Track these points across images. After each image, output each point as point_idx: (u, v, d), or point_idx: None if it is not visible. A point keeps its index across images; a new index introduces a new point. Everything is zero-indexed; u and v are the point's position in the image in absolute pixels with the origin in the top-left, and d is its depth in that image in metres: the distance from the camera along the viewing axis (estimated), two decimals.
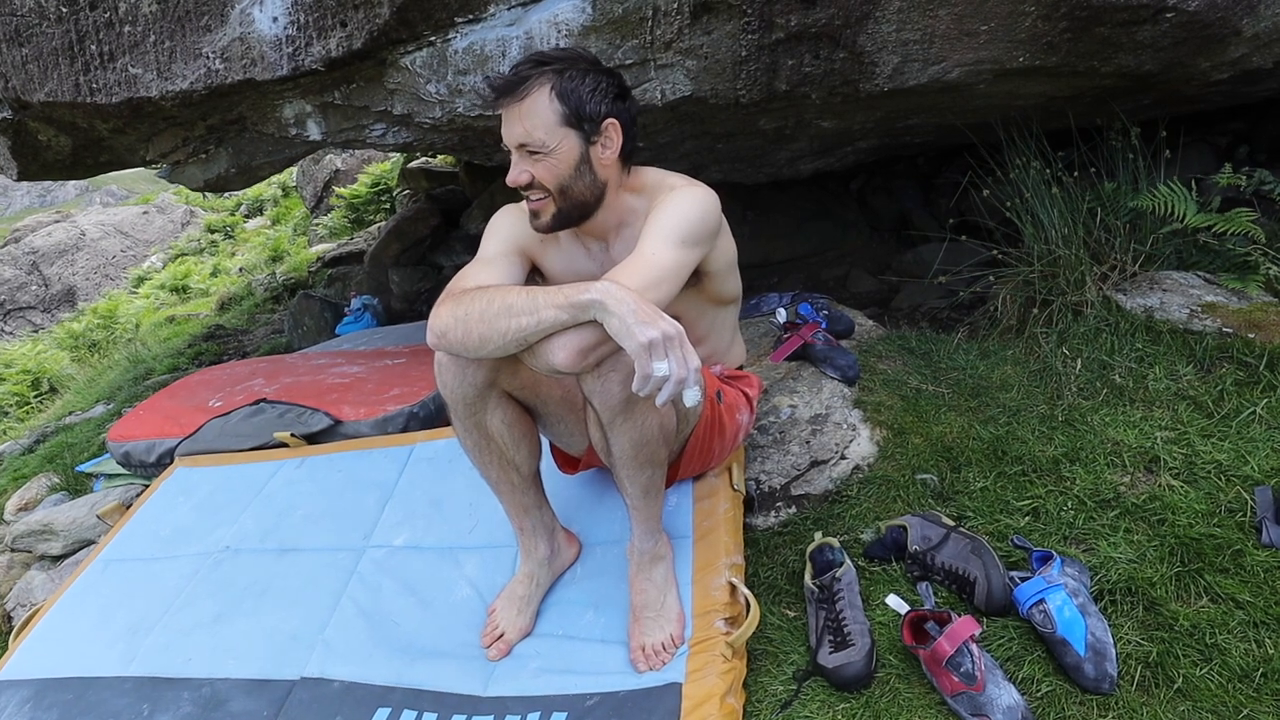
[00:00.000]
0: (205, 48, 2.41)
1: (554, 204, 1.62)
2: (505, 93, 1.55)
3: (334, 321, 5.31)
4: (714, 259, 1.72)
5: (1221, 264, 2.54)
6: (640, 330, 1.30)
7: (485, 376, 1.60)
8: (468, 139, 2.97)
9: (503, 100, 1.55)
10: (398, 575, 2.09)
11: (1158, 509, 1.80)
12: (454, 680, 1.77)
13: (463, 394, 1.63)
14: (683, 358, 1.32)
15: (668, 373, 1.30)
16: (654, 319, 1.32)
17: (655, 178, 1.71)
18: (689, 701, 1.57)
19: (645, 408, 1.54)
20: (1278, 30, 2.34)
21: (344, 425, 2.75)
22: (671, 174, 1.71)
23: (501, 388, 1.66)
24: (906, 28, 2.27)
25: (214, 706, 1.84)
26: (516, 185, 1.60)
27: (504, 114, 1.57)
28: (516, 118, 1.55)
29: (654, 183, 1.70)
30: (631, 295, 1.35)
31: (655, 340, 1.30)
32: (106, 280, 14.68)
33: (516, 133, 1.56)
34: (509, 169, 1.62)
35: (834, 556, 1.83)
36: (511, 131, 1.57)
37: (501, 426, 1.69)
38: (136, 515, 2.56)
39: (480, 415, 1.66)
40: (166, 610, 2.16)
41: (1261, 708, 1.37)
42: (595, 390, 1.50)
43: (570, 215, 1.66)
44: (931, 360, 2.63)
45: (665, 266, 1.50)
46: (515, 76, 1.54)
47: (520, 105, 1.54)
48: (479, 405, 1.65)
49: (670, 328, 1.32)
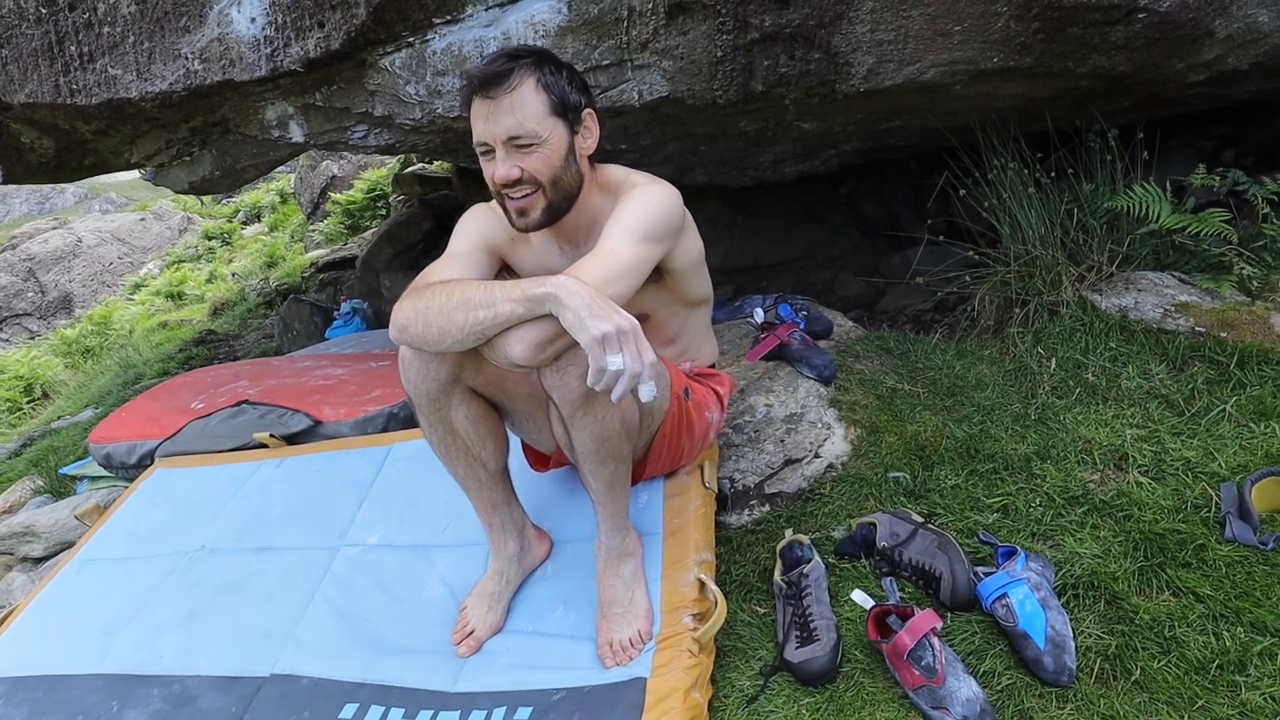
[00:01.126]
0: (184, 48, 2.42)
1: (544, 198, 1.60)
2: (491, 84, 1.50)
3: (324, 326, 5.32)
4: (677, 256, 1.73)
5: (1197, 264, 2.55)
6: (594, 324, 1.31)
7: (449, 372, 1.61)
8: (449, 140, 2.98)
9: (491, 91, 1.50)
10: (371, 573, 2.10)
11: (1125, 505, 1.80)
12: (423, 676, 1.78)
13: (426, 389, 1.63)
14: (637, 352, 1.32)
15: (621, 367, 1.30)
16: (608, 313, 1.32)
17: (620, 175, 1.71)
18: (653, 696, 1.58)
19: (605, 402, 1.54)
20: (1251, 31, 2.35)
21: (324, 426, 2.75)
22: (635, 172, 1.72)
23: (466, 384, 1.66)
24: (880, 28, 2.29)
25: (183, 703, 1.84)
26: (506, 181, 1.56)
27: (488, 107, 1.51)
28: (506, 109, 1.51)
29: (618, 180, 1.70)
30: (587, 289, 1.35)
31: (609, 334, 1.30)
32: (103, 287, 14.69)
33: (506, 125, 1.51)
34: (495, 166, 1.56)
35: (803, 553, 1.84)
36: (500, 124, 1.52)
37: (466, 422, 1.69)
38: (115, 515, 2.57)
39: (445, 411, 1.67)
40: (140, 609, 2.17)
41: (1216, 699, 1.37)
42: (555, 385, 1.51)
43: (559, 209, 1.63)
44: (909, 360, 2.64)
45: (625, 262, 1.50)
46: (498, 68, 1.50)
47: (510, 97, 1.51)
48: (443, 401, 1.65)
49: (625, 322, 1.32)
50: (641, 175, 1.70)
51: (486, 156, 1.58)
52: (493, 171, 1.56)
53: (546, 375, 1.51)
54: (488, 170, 1.58)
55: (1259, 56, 2.46)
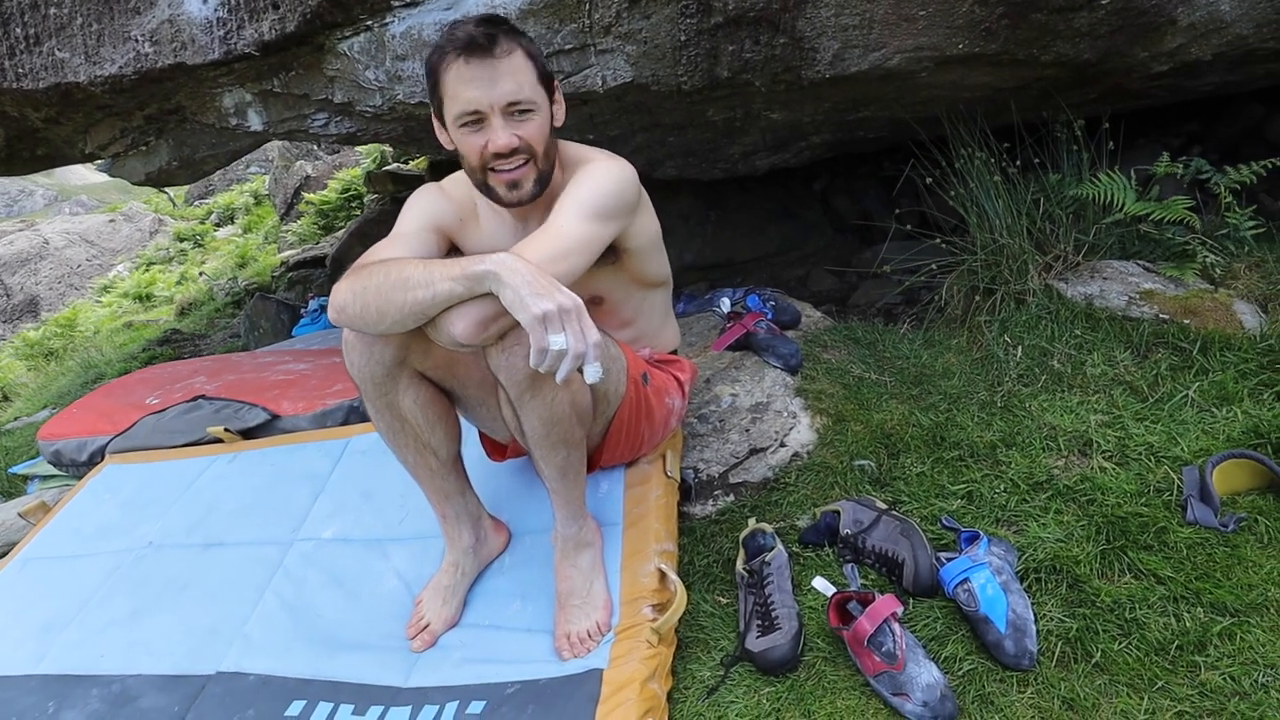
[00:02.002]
0: (134, 30, 2.36)
1: (535, 168, 1.54)
2: (485, 47, 1.42)
3: (291, 324, 5.24)
4: (633, 235, 1.68)
5: (1161, 253, 2.55)
6: (534, 302, 1.26)
7: (394, 355, 1.55)
8: (412, 129, 2.93)
9: (484, 55, 1.43)
10: (324, 568, 2.04)
11: (1088, 490, 1.79)
12: (375, 672, 1.73)
13: (371, 373, 1.58)
14: (580, 331, 1.27)
15: (564, 346, 1.26)
16: (550, 290, 1.28)
17: (574, 151, 1.67)
18: (609, 687, 1.54)
19: (554, 384, 1.48)
20: (1213, 21, 2.34)
21: (281, 420, 2.69)
22: (590, 148, 1.68)
23: (413, 367, 1.61)
24: (845, 12, 2.26)
25: (123, 703, 1.78)
26: (504, 150, 1.48)
27: (481, 71, 1.43)
28: (506, 74, 1.45)
29: (574, 156, 1.66)
30: (528, 267, 1.30)
31: (550, 312, 1.25)
32: (71, 290, 14.44)
33: (507, 90, 1.45)
34: (490, 136, 1.48)
35: (765, 542, 1.80)
36: (499, 89, 1.45)
37: (414, 407, 1.64)
38: (61, 513, 2.49)
39: (391, 396, 1.61)
40: (83, 607, 2.10)
41: (1176, 679, 1.35)
42: (501, 366, 1.46)
43: (545, 180, 1.58)
44: (876, 350, 2.62)
45: (575, 239, 1.46)
46: (488, 30, 1.44)
47: (508, 61, 1.45)
48: (389, 385, 1.60)
49: (567, 300, 1.27)
50: (598, 151, 1.66)
51: (473, 127, 1.49)
52: (484, 141, 1.49)
53: (492, 356, 1.46)
54: (475, 141, 1.50)
55: (1222, 47, 2.45)
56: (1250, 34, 2.41)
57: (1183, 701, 1.32)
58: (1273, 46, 2.49)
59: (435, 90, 1.51)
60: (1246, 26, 2.38)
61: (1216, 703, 1.31)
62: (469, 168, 1.57)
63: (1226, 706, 1.30)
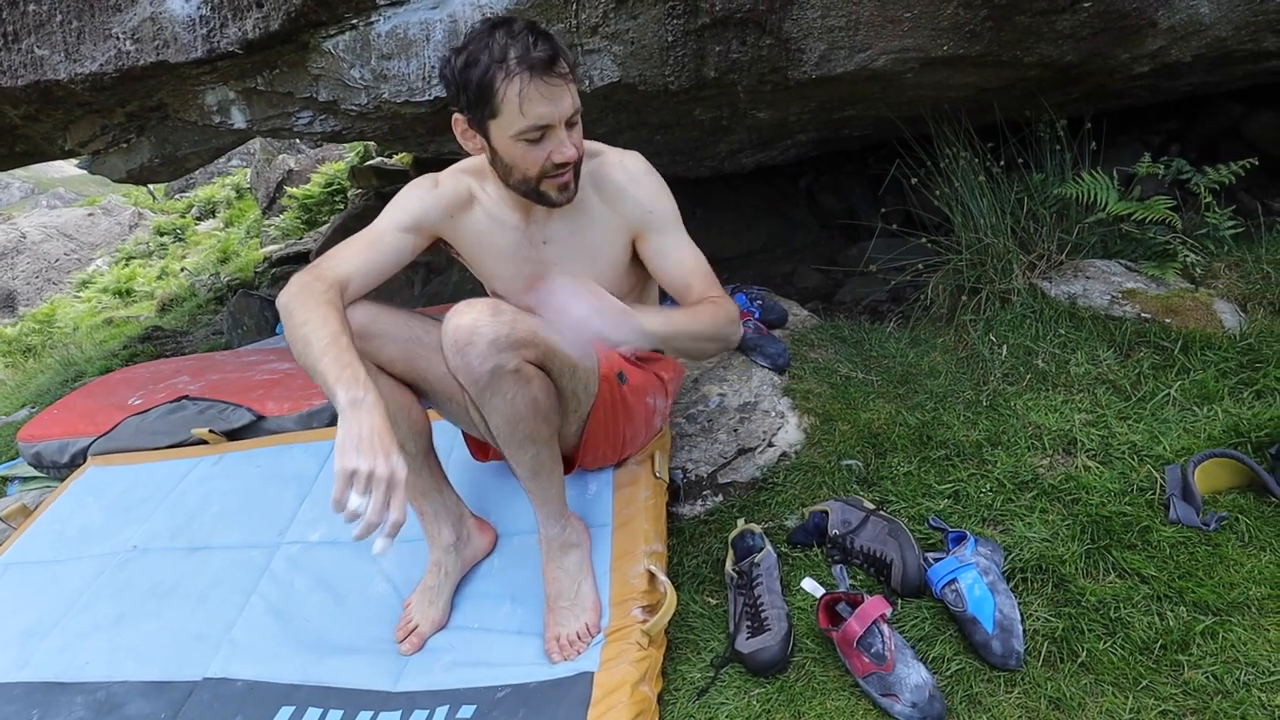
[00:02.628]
0: (115, 28, 2.33)
1: (579, 167, 1.57)
2: (554, 64, 1.43)
3: (275, 320, 5.19)
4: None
5: (1142, 252, 2.58)
6: (350, 458, 1.27)
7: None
8: (398, 128, 2.92)
9: (555, 72, 1.44)
10: (312, 571, 2.03)
11: (1073, 489, 1.80)
12: (364, 676, 1.73)
13: None
14: (381, 505, 1.25)
15: (359, 510, 1.25)
16: (372, 454, 1.27)
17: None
18: (600, 690, 1.54)
19: (512, 382, 1.50)
20: (1193, 23, 2.37)
21: (267, 421, 2.67)
22: (589, 141, 1.69)
23: (371, 359, 1.60)
24: (831, 14, 2.27)
25: (108, 710, 1.76)
26: (572, 160, 1.51)
27: (551, 88, 1.44)
28: (567, 83, 1.47)
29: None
30: (371, 425, 1.30)
31: (359, 473, 1.26)
32: (49, 284, 14.24)
33: (570, 104, 1.47)
34: (554, 147, 1.49)
35: (755, 542, 1.81)
36: (564, 104, 1.46)
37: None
38: (42, 517, 2.46)
39: None
40: (66, 613, 2.07)
41: (1160, 678, 1.37)
42: (459, 366, 1.48)
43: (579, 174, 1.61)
44: (863, 349, 2.63)
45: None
46: (551, 47, 1.44)
47: (568, 76, 1.47)
48: None
49: (384, 469, 1.26)
50: (603, 146, 1.72)
51: (537, 140, 1.49)
52: (546, 153, 1.49)
53: (450, 356, 1.48)
54: (538, 153, 1.49)
55: (1201, 48, 2.48)
56: (1229, 36, 2.44)
57: (1167, 700, 1.34)
58: (1250, 48, 2.52)
59: (488, 102, 1.46)
60: (1225, 29, 2.41)
61: (1200, 701, 1.33)
62: (520, 176, 1.55)
63: (1210, 705, 1.31)
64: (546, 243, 1.72)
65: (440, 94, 2.53)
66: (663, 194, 1.71)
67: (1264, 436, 1.79)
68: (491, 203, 1.70)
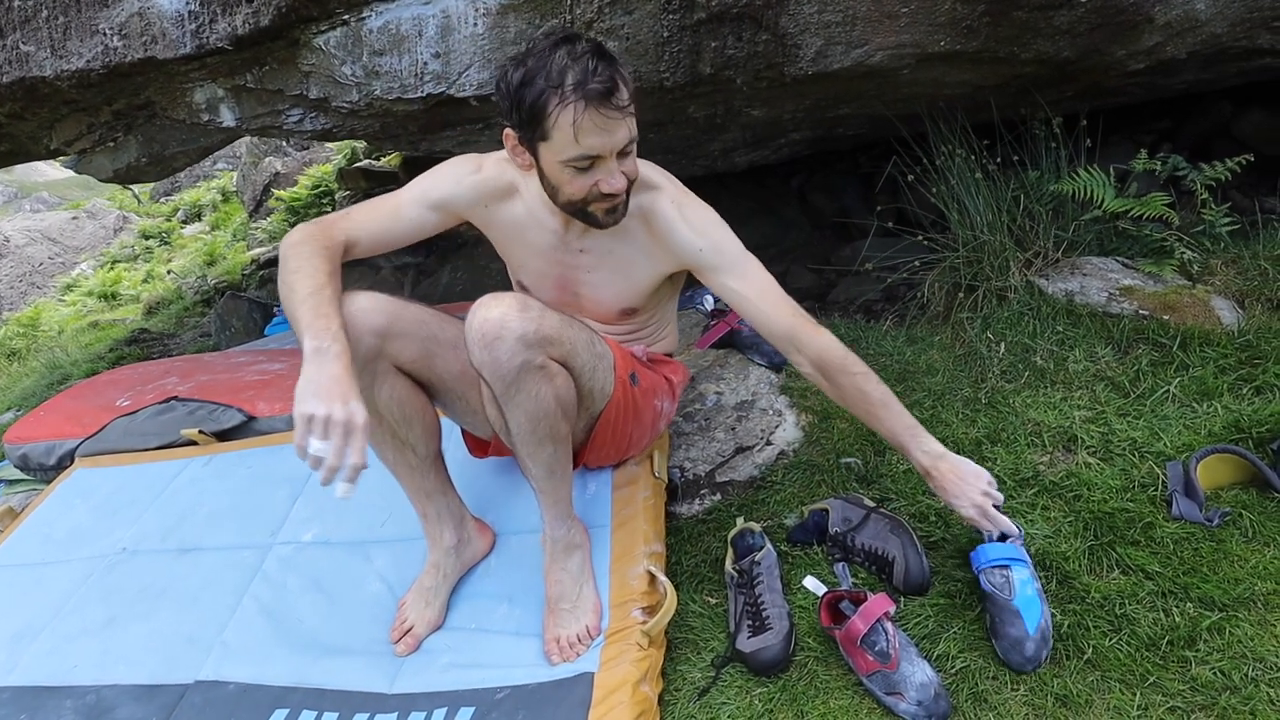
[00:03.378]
0: (102, 24, 2.29)
1: (629, 194, 1.53)
2: (613, 96, 1.37)
3: (263, 323, 5.16)
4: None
5: (1139, 249, 2.58)
6: (307, 403, 1.28)
7: (370, 345, 1.53)
8: (389, 126, 2.89)
9: (614, 103, 1.38)
10: (305, 572, 2.00)
11: (1074, 486, 1.80)
12: (359, 678, 1.70)
13: None
14: (340, 448, 1.26)
15: (321, 454, 1.25)
16: (329, 398, 1.28)
17: None
18: (600, 690, 1.53)
19: (538, 378, 1.48)
20: (1189, 19, 2.37)
21: (258, 421, 2.64)
22: (650, 167, 1.68)
23: (390, 360, 1.59)
24: (828, 9, 2.26)
25: (98, 715, 1.73)
26: (620, 191, 1.47)
27: (610, 122, 1.39)
28: (625, 115, 1.41)
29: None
30: (331, 372, 1.31)
31: (316, 417, 1.26)
32: (33, 289, 14.09)
33: (625, 135, 1.43)
34: (602, 177, 1.45)
35: (754, 541, 1.80)
36: (619, 135, 1.42)
37: (390, 403, 1.61)
38: (29, 519, 2.42)
39: (367, 391, 1.57)
40: (54, 616, 2.04)
41: (1168, 675, 1.37)
42: (484, 361, 1.44)
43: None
44: (860, 347, 2.61)
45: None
46: (611, 75, 1.37)
47: (628, 109, 1.42)
48: (364, 379, 1.55)
49: (341, 413, 1.27)
50: (662, 175, 1.69)
51: (588, 169, 1.44)
52: (593, 181, 1.45)
53: (475, 352, 1.44)
54: (584, 181, 1.45)
55: (1196, 45, 2.49)
56: (1224, 33, 2.45)
57: (1174, 697, 1.33)
58: (1244, 45, 2.53)
59: (539, 125, 1.41)
60: (1220, 25, 2.41)
61: (1208, 697, 1.32)
62: (565, 198, 1.51)
63: (1218, 701, 1.31)
64: (583, 251, 1.70)
65: (432, 90, 2.51)
66: (725, 235, 1.65)
67: (1265, 432, 1.78)
68: (534, 200, 1.66)
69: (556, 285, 1.76)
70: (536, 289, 1.78)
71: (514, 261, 1.80)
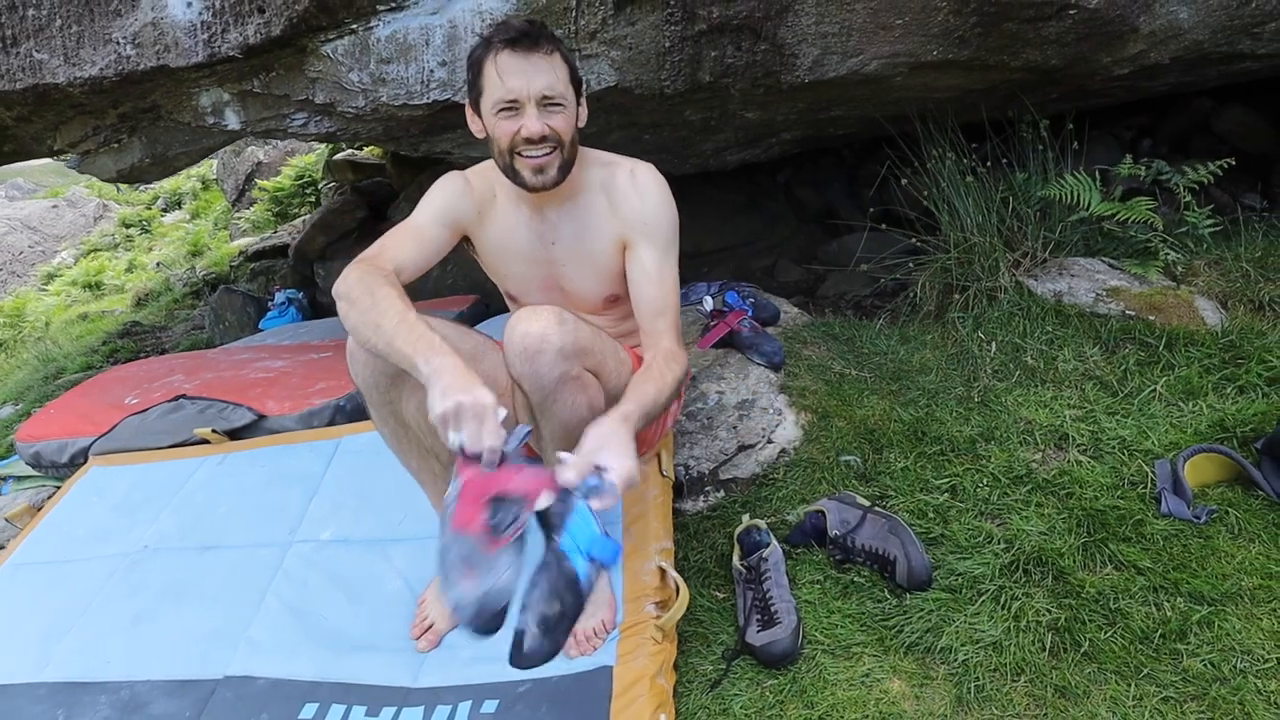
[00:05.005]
0: (115, 33, 2.32)
1: (560, 156, 1.60)
2: (529, 42, 1.52)
3: (257, 316, 5.18)
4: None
5: (1124, 250, 2.66)
6: (437, 406, 1.31)
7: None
8: (392, 129, 2.93)
9: (528, 49, 1.52)
10: (325, 570, 2.06)
11: (1066, 483, 1.88)
12: (383, 673, 1.76)
13: (375, 381, 1.62)
14: (477, 433, 1.31)
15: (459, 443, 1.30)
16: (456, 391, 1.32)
17: (587, 153, 1.74)
18: (619, 683, 1.59)
19: (574, 388, 1.55)
20: (1172, 28, 2.45)
21: (268, 420, 2.69)
22: (602, 152, 1.76)
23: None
24: (825, 21, 2.32)
25: (133, 709, 1.79)
26: (534, 136, 1.55)
27: (523, 64, 1.52)
28: (545, 69, 1.53)
29: (586, 157, 1.72)
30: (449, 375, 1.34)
31: (447, 413, 1.31)
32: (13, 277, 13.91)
33: (544, 83, 1.53)
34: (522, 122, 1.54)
35: (761, 538, 1.86)
36: (538, 81, 1.53)
37: (417, 414, 1.67)
38: (48, 517, 2.47)
39: (395, 404, 1.65)
40: (82, 613, 2.09)
41: (1160, 667, 1.45)
42: (526, 373, 1.51)
43: (566, 170, 1.64)
44: (854, 346, 2.70)
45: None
46: (534, 29, 1.53)
47: (547, 58, 1.53)
48: (393, 393, 1.64)
49: (470, 399, 1.31)
50: (615, 156, 1.76)
51: (507, 113, 1.56)
52: (517, 127, 1.55)
53: (515, 364, 1.51)
54: (509, 126, 1.56)
55: (1179, 51, 2.57)
56: (1206, 39, 2.53)
57: (1167, 688, 1.41)
58: (1225, 50, 2.62)
59: (477, 80, 1.58)
60: (1203, 33, 2.50)
61: (1199, 688, 1.40)
62: (498, 151, 1.62)
63: (1209, 692, 1.39)
64: (555, 244, 1.77)
65: (438, 97, 2.55)
66: (663, 208, 1.72)
67: (1249, 431, 1.87)
68: (508, 202, 1.75)
69: (542, 287, 1.83)
70: (524, 294, 1.85)
71: (500, 272, 1.86)
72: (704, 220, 4.49)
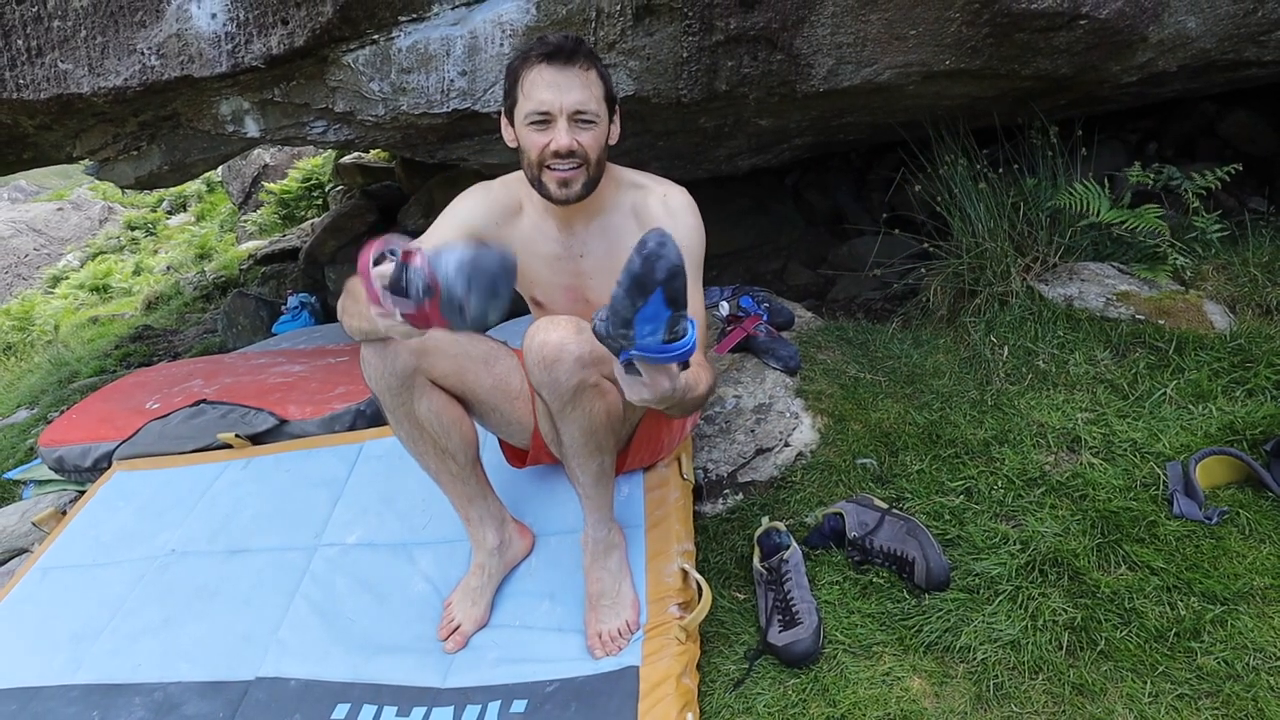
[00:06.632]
0: (140, 44, 2.36)
1: (586, 173, 1.65)
2: (566, 56, 1.56)
3: (270, 320, 5.21)
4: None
5: (1134, 254, 2.70)
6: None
7: (407, 362, 1.64)
8: (410, 137, 2.97)
9: (564, 63, 1.56)
10: (352, 573, 2.10)
11: (1080, 485, 1.92)
12: (413, 674, 1.80)
13: (387, 384, 1.66)
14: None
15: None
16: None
17: (620, 172, 1.78)
18: (646, 683, 1.63)
19: (592, 395, 1.59)
20: (1180, 37, 2.49)
21: (290, 425, 2.73)
22: (640, 173, 1.79)
23: (426, 374, 1.69)
24: (840, 31, 2.36)
25: (167, 710, 1.82)
26: (563, 150, 1.60)
27: (558, 77, 1.57)
28: (579, 84, 1.58)
29: (619, 176, 1.77)
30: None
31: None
32: (19, 280, 13.97)
33: (577, 98, 1.58)
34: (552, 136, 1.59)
35: (781, 540, 1.89)
36: (571, 96, 1.58)
37: (430, 414, 1.72)
38: (75, 521, 2.51)
39: (408, 405, 1.70)
40: (112, 616, 2.13)
41: (1175, 665, 1.49)
42: (545, 382, 1.55)
43: (592, 186, 1.69)
44: (868, 350, 2.73)
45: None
46: (572, 44, 1.57)
47: (583, 74, 1.58)
48: (405, 394, 1.68)
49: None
50: (649, 178, 1.79)
51: (539, 125, 1.61)
52: (547, 140, 1.60)
53: (535, 371, 1.55)
54: (538, 139, 1.61)
55: (1186, 59, 2.61)
56: (1213, 47, 2.57)
57: (1182, 685, 1.45)
58: (1232, 58, 2.65)
59: (512, 90, 1.63)
60: (1210, 41, 2.54)
61: (1213, 685, 1.44)
62: (527, 163, 1.66)
63: (1223, 689, 1.43)
64: (583, 256, 1.81)
65: (458, 106, 2.59)
66: (694, 234, 1.77)
67: (1258, 434, 1.91)
68: (536, 212, 1.79)
69: (567, 294, 1.87)
70: (550, 301, 1.89)
71: (526, 278, 1.89)
72: (712, 223, 4.46)
